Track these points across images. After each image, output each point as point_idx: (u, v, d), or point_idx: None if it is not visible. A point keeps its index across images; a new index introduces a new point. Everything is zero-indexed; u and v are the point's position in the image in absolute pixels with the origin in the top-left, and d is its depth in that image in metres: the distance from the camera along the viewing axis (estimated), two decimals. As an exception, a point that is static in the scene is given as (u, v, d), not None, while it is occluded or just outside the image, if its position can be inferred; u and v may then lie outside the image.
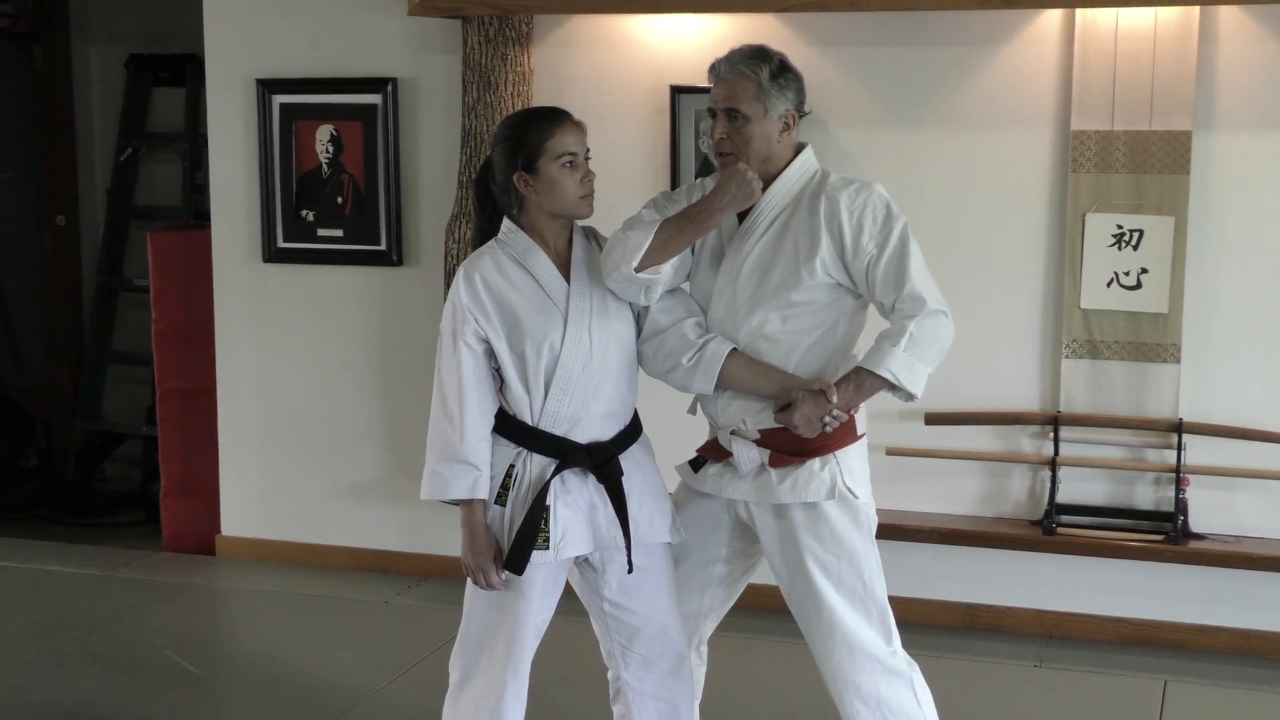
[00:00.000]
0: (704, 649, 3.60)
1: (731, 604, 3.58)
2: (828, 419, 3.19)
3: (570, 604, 3.46)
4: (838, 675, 3.31)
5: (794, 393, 3.21)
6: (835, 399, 3.18)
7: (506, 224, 3.31)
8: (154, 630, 5.21)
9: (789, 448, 3.26)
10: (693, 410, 3.47)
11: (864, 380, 3.20)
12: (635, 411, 3.39)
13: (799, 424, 3.20)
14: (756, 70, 3.23)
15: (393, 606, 5.45)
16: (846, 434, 3.27)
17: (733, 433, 3.33)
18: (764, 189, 3.26)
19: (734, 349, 3.27)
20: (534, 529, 3.21)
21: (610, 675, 3.49)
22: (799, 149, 3.34)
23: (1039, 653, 4.96)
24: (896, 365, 3.16)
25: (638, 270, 3.20)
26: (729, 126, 3.25)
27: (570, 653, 4.17)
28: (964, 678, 4.71)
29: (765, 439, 3.28)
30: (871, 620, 3.30)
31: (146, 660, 4.90)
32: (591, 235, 3.39)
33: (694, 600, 3.49)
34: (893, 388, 3.19)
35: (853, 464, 3.30)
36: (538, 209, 3.27)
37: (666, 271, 3.24)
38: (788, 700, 4.50)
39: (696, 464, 3.44)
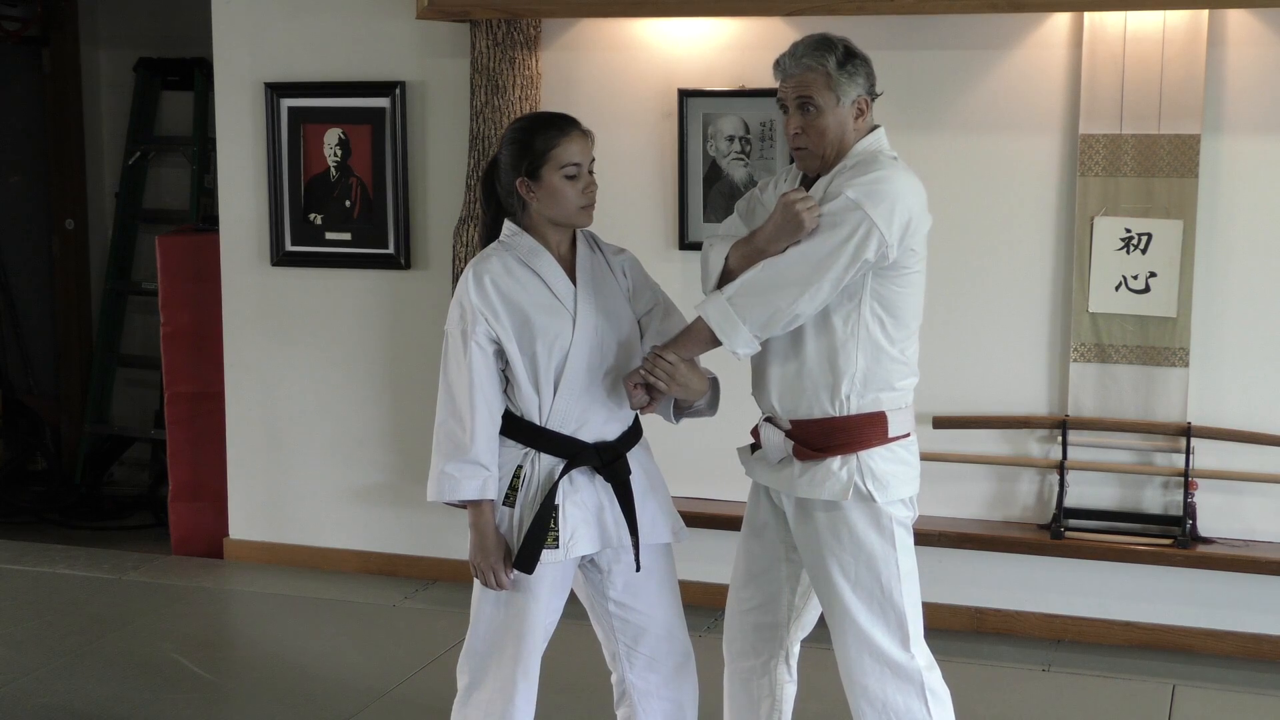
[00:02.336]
0: (792, 662, 3.52)
1: (816, 611, 3.48)
2: (643, 371, 3.21)
3: (571, 608, 3.46)
4: (849, 675, 3.30)
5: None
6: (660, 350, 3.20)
7: (509, 226, 3.31)
8: (162, 633, 5.21)
9: (812, 442, 3.23)
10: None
11: (694, 323, 3.22)
12: (637, 413, 3.40)
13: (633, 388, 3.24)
14: (823, 60, 3.17)
15: (400, 610, 5.46)
16: (872, 435, 3.22)
17: (767, 419, 3.32)
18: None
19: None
20: (544, 528, 3.23)
21: (614, 678, 3.49)
22: (871, 132, 3.26)
23: (1047, 656, 4.96)
24: (712, 308, 3.16)
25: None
26: (802, 119, 3.19)
27: (573, 657, 4.17)
28: (972, 681, 4.71)
29: (794, 430, 3.26)
30: (889, 624, 3.26)
31: (155, 663, 4.90)
32: (592, 240, 3.40)
33: (769, 610, 3.44)
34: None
35: (877, 465, 3.22)
36: (538, 214, 3.28)
37: None
38: (798, 705, 4.49)
39: (754, 447, 3.42)
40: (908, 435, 3.29)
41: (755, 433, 3.41)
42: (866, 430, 3.22)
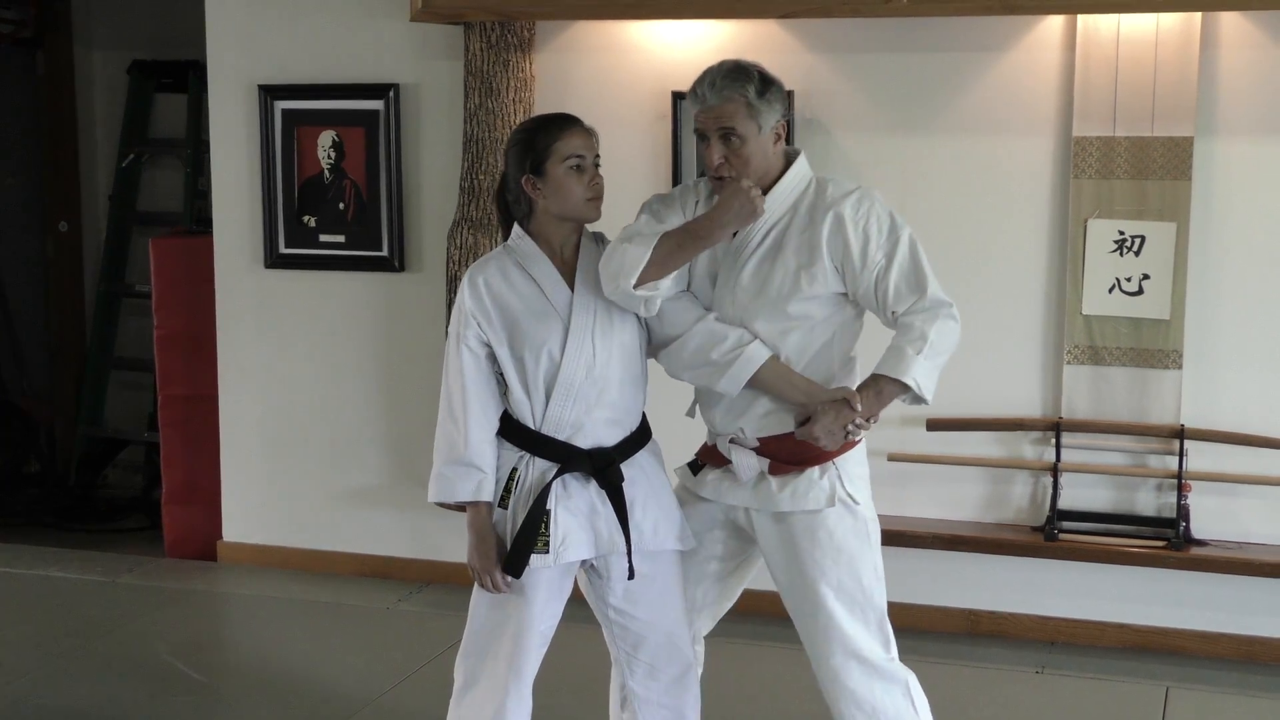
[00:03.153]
0: (699, 647, 3.56)
1: (729, 603, 3.55)
2: (850, 428, 3.17)
3: (578, 610, 3.46)
4: (834, 680, 3.30)
5: (815, 405, 3.19)
6: (859, 408, 3.15)
7: (516, 229, 3.32)
8: (156, 636, 5.21)
9: (787, 456, 3.25)
10: (691, 413, 3.46)
11: (883, 387, 3.17)
12: (644, 417, 3.39)
13: (820, 436, 3.17)
14: (743, 90, 3.18)
15: (395, 612, 5.45)
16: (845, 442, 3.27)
17: (731, 441, 3.32)
18: None
19: (772, 356, 3.23)
20: (533, 532, 3.22)
21: (620, 682, 3.49)
22: (791, 157, 3.30)
23: (1040, 659, 4.96)
24: (919, 372, 3.14)
25: (636, 286, 3.18)
26: (725, 149, 3.21)
27: (579, 660, 4.17)
28: (965, 684, 4.71)
29: (764, 447, 3.28)
30: (870, 626, 3.29)
31: (149, 666, 4.90)
32: (600, 241, 3.39)
33: (686, 594, 3.46)
34: (905, 391, 3.17)
35: (852, 470, 3.29)
36: (545, 213, 3.27)
37: (665, 285, 3.21)
38: (785, 705, 4.50)
39: (695, 467, 3.44)
40: (862, 438, 3.34)
41: (707, 453, 3.40)
42: None
